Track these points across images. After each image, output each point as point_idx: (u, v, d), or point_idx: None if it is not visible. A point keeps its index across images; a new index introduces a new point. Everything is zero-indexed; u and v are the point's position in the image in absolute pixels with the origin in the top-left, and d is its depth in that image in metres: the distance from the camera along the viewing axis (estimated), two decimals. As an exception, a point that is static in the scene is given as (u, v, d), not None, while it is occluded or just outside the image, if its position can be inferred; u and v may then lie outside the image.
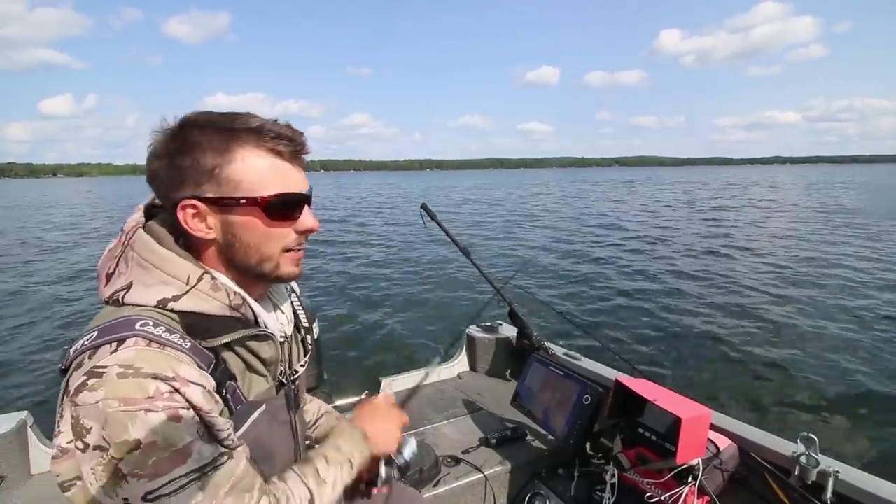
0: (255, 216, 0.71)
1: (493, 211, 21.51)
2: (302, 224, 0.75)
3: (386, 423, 0.98)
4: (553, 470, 1.59)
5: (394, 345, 5.21)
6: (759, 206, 21.59)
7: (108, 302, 0.69)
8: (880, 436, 3.34)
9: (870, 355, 4.65)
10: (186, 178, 0.68)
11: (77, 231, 16.45)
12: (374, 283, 7.85)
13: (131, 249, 0.69)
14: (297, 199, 0.74)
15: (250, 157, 0.69)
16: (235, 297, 0.72)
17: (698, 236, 12.54)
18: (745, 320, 5.72)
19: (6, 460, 1.56)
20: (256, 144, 0.70)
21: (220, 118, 0.70)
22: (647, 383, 1.37)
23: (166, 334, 0.64)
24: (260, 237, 0.72)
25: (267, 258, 0.74)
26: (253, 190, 0.69)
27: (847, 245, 10.65)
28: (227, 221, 0.71)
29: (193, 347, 0.66)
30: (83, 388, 0.57)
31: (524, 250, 11.10)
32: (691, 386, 4.08)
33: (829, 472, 1.19)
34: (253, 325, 0.75)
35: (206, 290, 0.69)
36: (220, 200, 0.69)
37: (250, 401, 0.76)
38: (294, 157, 0.74)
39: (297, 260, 0.78)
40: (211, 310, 0.69)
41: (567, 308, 6.36)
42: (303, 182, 0.75)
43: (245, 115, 0.71)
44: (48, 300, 7.24)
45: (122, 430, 0.56)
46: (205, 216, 0.70)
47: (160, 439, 0.58)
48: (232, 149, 0.68)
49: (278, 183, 0.71)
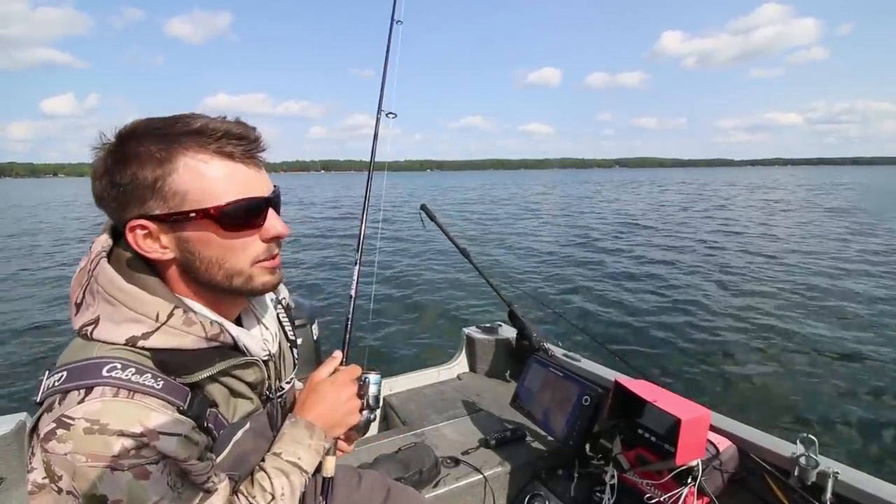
0: (210, 230, 0.64)
1: (493, 211, 21.51)
2: (268, 231, 0.68)
3: (333, 395, 0.84)
4: (553, 471, 1.59)
5: (393, 345, 5.21)
6: (760, 207, 21.60)
7: (78, 333, 0.65)
8: (880, 436, 3.34)
9: (870, 356, 4.65)
10: (129, 196, 0.62)
11: (76, 232, 16.46)
12: (374, 283, 7.84)
13: (96, 282, 0.64)
14: (255, 205, 0.66)
15: (194, 164, 0.62)
16: (212, 327, 0.67)
17: (698, 237, 12.54)
18: (744, 321, 5.72)
19: (6, 461, 1.56)
20: (200, 148, 0.62)
21: (160, 124, 0.63)
22: (646, 384, 1.37)
23: (136, 377, 0.60)
24: (221, 251, 0.65)
25: (235, 273, 0.67)
26: (202, 200, 0.62)
27: (849, 245, 10.65)
28: (181, 238, 0.64)
29: (167, 386, 0.62)
30: (52, 436, 0.56)
31: (524, 251, 11.11)
32: (691, 386, 4.08)
33: (828, 472, 1.19)
34: (234, 352, 0.71)
35: (178, 325, 0.64)
36: (168, 217, 0.62)
37: (233, 423, 0.73)
38: (247, 156, 0.65)
39: (272, 268, 0.71)
40: (185, 344, 0.65)
41: (567, 309, 6.37)
42: (262, 184, 0.67)
43: (188, 116, 0.64)
44: (49, 299, 7.24)
45: (91, 485, 0.56)
46: (157, 236, 0.64)
47: (125, 498, 0.57)
48: (172, 157, 0.61)
49: (231, 189, 0.63)
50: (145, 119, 0.64)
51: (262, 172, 0.68)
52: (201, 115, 0.65)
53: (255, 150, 0.66)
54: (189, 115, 0.64)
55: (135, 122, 0.64)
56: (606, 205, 24.29)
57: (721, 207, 21.27)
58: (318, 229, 15.61)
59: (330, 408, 0.83)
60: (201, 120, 0.63)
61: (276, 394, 0.82)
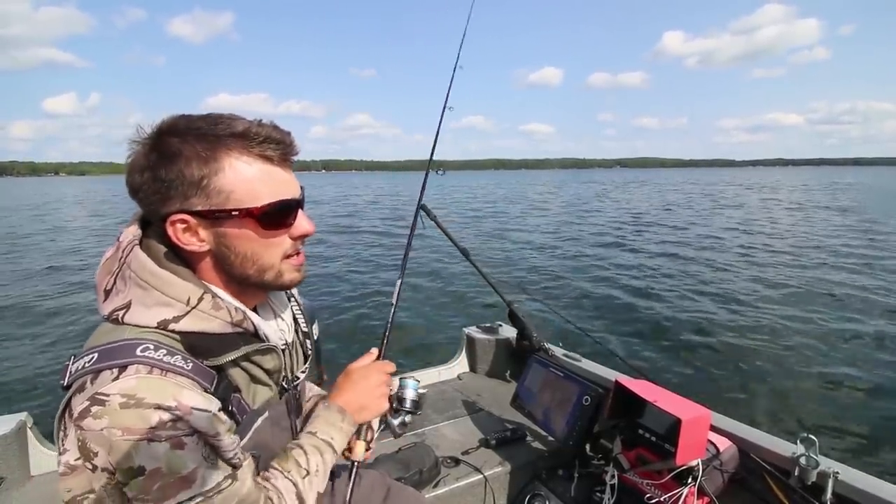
0: (249, 227, 0.68)
1: (492, 211, 21.51)
2: (297, 229, 0.73)
3: (364, 383, 0.91)
4: (553, 471, 1.59)
5: (393, 345, 5.19)
6: (761, 207, 21.59)
7: (107, 318, 0.67)
8: (881, 436, 3.33)
9: (871, 356, 4.64)
10: (172, 191, 0.65)
11: (77, 231, 16.48)
12: (374, 283, 7.86)
13: (128, 268, 0.67)
14: (291, 205, 0.71)
15: (239, 165, 0.65)
16: (237, 314, 0.70)
17: (698, 237, 12.54)
18: (745, 321, 5.72)
19: (6, 461, 1.56)
20: (243, 150, 0.66)
21: (201, 123, 0.66)
22: (646, 384, 1.37)
23: (168, 357, 0.63)
24: (257, 247, 0.70)
25: (268, 267, 0.72)
26: (245, 200, 0.66)
27: (849, 246, 10.65)
28: (220, 234, 0.68)
29: (195, 368, 0.65)
30: (87, 413, 0.58)
31: (524, 251, 11.10)
32: (691, 386, 4.07)
33: (828, 472, 1.19)
34: (255, 339, 0.74)
35: (207, 309, 0.67)
36: (210, 213, 0.66)
37: (254, 409, 0.76)
38: (283, 160, 0.70)
39: (299, 265, 0.76)
40: (213, 328, 0.68)
41: (567, 309, 6.36)
42: (294, 186, 0.72)
43: (228, 117, 0.67)
44: (49, 300, 7.25)
45: (127, 457, 0.58)
46: (196, 230, 0.67)
47: (164, 466, 0.59)
48: (218, 157, 0.64)
49: (271, 190, 0.67)
50: (183, 116, 0.67)
51: (293, 175, 0.72)
52: (239, 117, 0.68)
53: (291, 153, 0.70)
54: (228, 115, 0.67)
55: (174, 118, 0.66)
56: (606, 205, 24.28)
57: (722, 207, 21.26)
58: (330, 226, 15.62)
59: (360, 393, 0.90)
60: (243, 123, 0.66)
61: (291, 384, 0.86)
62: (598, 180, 71.60)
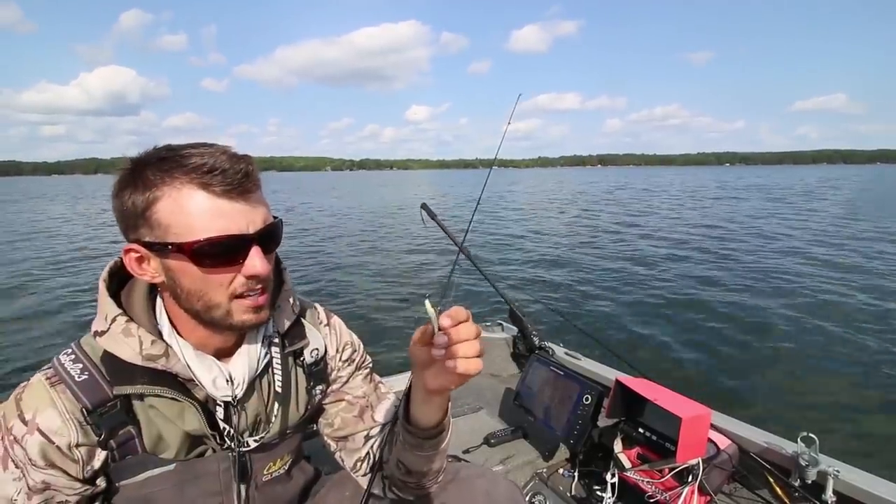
0: (190, 262, 0.63)
1: (493, 210, 21.48)
2: (247, 269, 0.65)
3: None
4: (553, 469, 1.59)
5: (393, 345, 5.21)
6: (761, 206, 21.58)
7: None
8: (880, 436, 3.34)
9: (872, 354, 4.65)
10: (126, 220, 0.65)
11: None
12: (374, 282, 7.87)
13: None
14: (232, 244, 0.63)
15: (179, 197, 0.61)
16: (153, 347, 0.67)
17: (697, 236, 12.53)
18: (745, 320, 5.72)
19: None
20: (186, 182, 0.61)
21: (163, 152, 0.63)
22: (647, 383, 1.37)
23: (70, 363, 0.68)
24: (199, 284, 0.65)
25: (213, 305, 0.67)
26: (181, 234, 0.62)
27: (850, 246, 10.65)
28: (166, 266, 0.66)
29: (89, 381, 0.67)
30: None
31: (524, 250, 11.11)
32: (691, 386, 4.07)
33: (829, 471, 1.19)
34: (171, 381, 0.69)
35: (116, 332, 0.67)
36: (152, 245, 0.64)
37: (151, 455, 0.71)
38: (233, 191, 0.63)
39: (253, 307, 0.68)
40: (121, 354, 0.67)
41: (567, 308, 6.37)
42: (248, 220, 0.64)
43: (192, 146, 0.63)
44: (51, 299, 7.25)
45: None
46: (147, 260, 0.66)
47: None
48: (160, 188, 0.61)
49: (210, 225, 0.61)
50: (160, 147, 0.65)
51: (253, 207, 0.65)
52: (204, 144, 0.64)
53: (243, 184, 0.63)
54: (194, 144, 0.64)
55: (153, 148, 0.65)
56: (607, 204, 24.27)
57: (721, 206, 21.25)
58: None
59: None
60: (196, 151, 0.62)
61: (237, 444, 0.76)
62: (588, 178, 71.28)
